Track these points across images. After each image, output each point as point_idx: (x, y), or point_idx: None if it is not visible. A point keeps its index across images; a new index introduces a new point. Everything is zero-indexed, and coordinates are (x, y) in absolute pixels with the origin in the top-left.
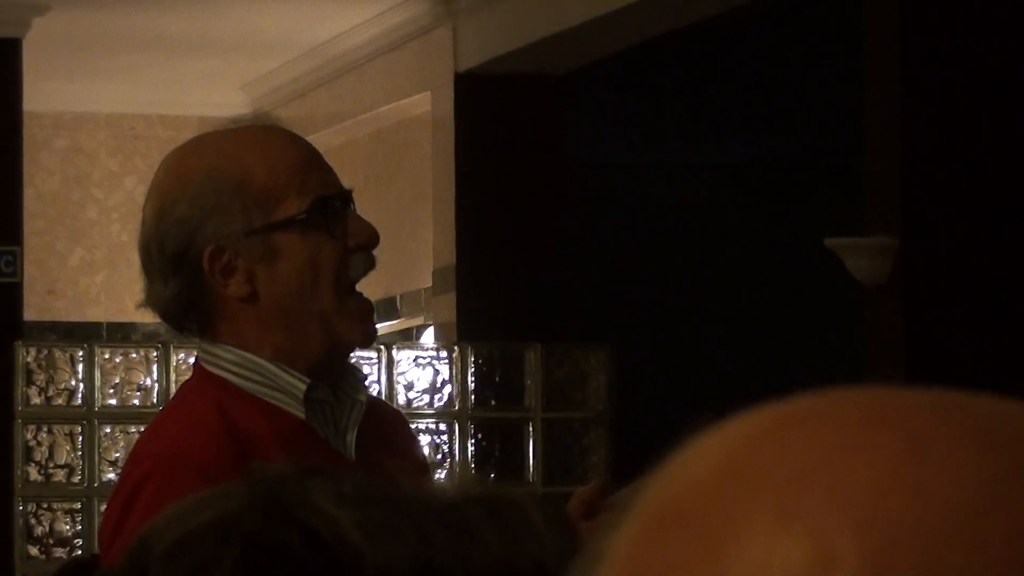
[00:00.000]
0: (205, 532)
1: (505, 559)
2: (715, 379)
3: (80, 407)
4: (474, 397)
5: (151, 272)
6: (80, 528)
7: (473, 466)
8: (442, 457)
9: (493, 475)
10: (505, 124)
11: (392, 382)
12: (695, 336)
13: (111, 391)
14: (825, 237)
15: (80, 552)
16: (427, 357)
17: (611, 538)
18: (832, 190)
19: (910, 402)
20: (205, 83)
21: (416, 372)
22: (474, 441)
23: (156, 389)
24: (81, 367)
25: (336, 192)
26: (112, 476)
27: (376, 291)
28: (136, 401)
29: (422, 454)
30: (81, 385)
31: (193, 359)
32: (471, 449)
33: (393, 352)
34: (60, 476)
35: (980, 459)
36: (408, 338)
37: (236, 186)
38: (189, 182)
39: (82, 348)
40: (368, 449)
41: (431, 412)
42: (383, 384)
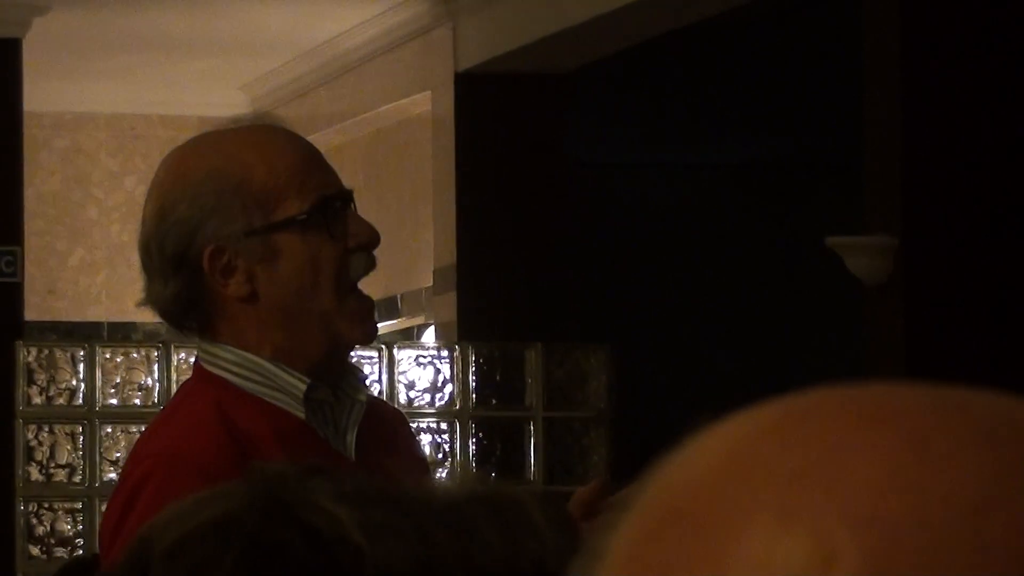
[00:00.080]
0: (205, 532)
1: (506, 558)
2: (715, 379)
3: (81, 407)
4: (475, 396)
5: (151, 272)
6: (81, 528)
7: (474, 465)
8: (443, 456)
9: (494, 474)
10: (505, 124)
11: (393, 381)
12: (695, 336)
13: (112, 391)
14: (825, 236)
15: (81, 552)
16: (428, 356)
17: (611, 537)
18: (832, 190)
19: (910, 400)
20: (205, 83)
21: (417, 371)
22: (475, 440)
23: (157, 389)
24: (82, 367)
25: (337, 192)
26: (113, 476)
27: (377, 290)
28: (137, 401)
29: (422, 453)
30: (82, 385)
31: (193, 359)
32: (472, 448)
33: (394, 351)
34: (61, 476)
35: (980, 457)
36: (409, 337)
37: (236, 186)
38: (189, 182)
39: (83, 348)
40: (368, 449)
41: (432, 411)
42: (384, 383)
